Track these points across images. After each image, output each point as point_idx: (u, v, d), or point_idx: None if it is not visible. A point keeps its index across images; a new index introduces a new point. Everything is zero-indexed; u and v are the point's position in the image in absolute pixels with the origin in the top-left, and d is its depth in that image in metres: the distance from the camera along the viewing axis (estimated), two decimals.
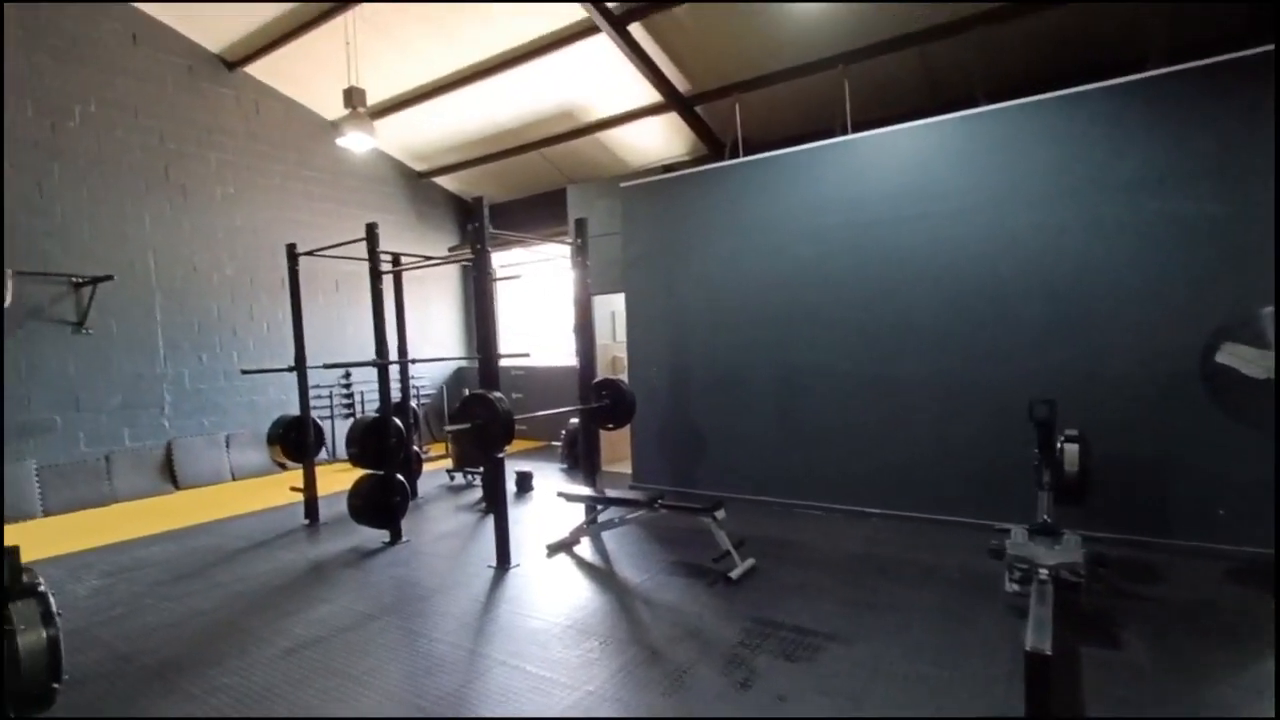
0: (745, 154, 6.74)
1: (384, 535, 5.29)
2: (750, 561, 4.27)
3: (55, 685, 2.05)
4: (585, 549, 4.91)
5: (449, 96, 8.40)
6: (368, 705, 2.91)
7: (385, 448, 5.18)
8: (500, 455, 4.44)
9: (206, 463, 8.02)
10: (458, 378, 10.87)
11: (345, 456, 8.49)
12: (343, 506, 5.61)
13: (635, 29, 6.65)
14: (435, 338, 10.83)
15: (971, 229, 4.97)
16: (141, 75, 7.68)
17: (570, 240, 5.50)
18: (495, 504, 4.53)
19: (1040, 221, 4.74)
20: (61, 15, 7.08)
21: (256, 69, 8.48)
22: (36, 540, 5.72)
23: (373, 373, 8.97)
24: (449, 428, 4.24)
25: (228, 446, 8.27)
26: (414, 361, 6.40)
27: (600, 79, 7.70)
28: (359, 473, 5.35)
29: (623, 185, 6.77)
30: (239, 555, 5.15)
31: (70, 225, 7.12)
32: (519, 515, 5.90)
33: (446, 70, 8.07)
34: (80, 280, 7.11)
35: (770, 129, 7.69)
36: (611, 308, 8.01)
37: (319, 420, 6.49)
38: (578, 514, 5.64)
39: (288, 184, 9.03)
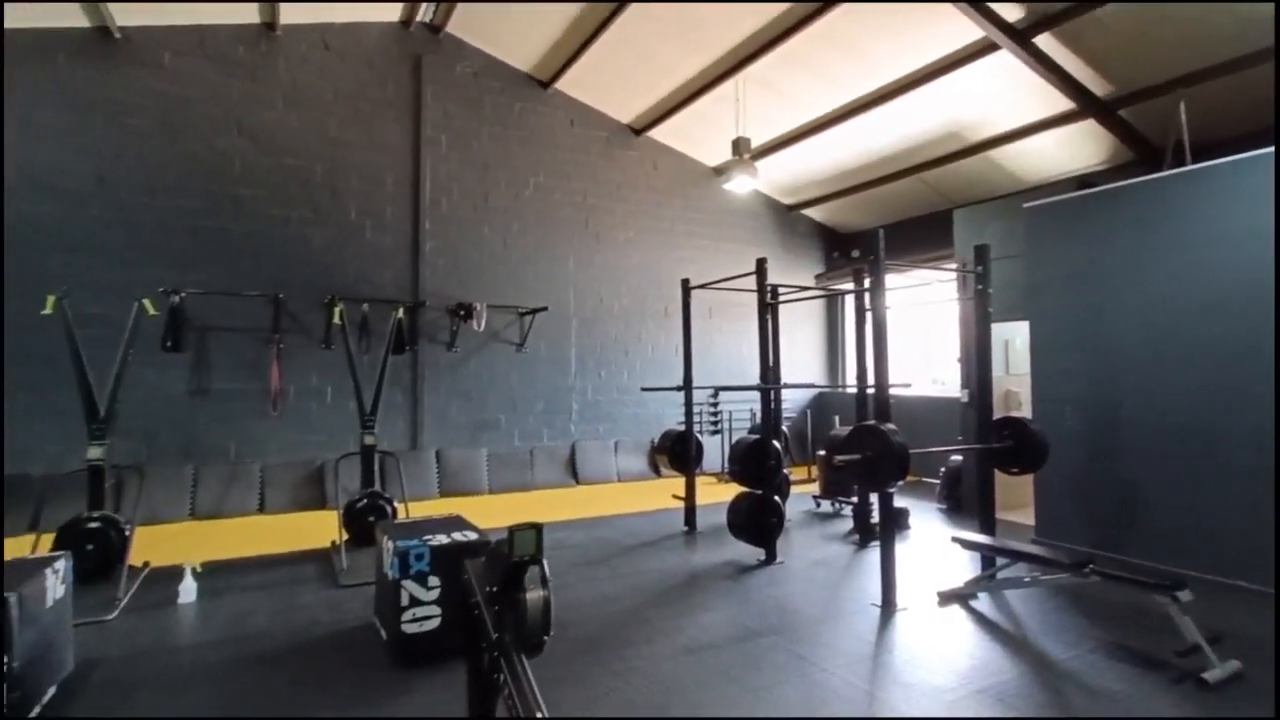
0: (1193, 159, 5.49)
1: (758, 554, 5.44)
2: (1234, 664, 3.30)
3: (545, 637, 2.43)
4: (983, 604, 4.38)
5: (825, 134, 8.59)
6: None
7: (765, 469, 5.34)
8: (891, 491, 4.22)
9: (599, 463, 9.29)
10: (819, 403, 10.89)
11: (711, 470, 9.12)
12: (714, 517, 5.93)
13: (1042, 39, 5.99)
14: (797, 363, 10.98)
15: None
16: (574, 149, 9.47)
17: (961, 267, 5.08)
18: (884, 541, 4.32)
19: None
20: (527, 111, 9.11)
21: (656, 132, 9.82)
22: (485, 513, 7.14)
23: (736, 394, 9.50)
24: (839, 459, 4.18)
25: (616, 451, 9.48)
26: (787, 387, 6.52)
27: (994, 95, 7.08)
28: (723, 485, 5.61)
29: (1027, 206, 6.04)
30: (632, 550, 5.78)
31: (520, 269, 9.01)
32: (897, 554, 5.56)
33: (824, 110, 8.29)
34: (524, 311, 8.91)
35: (1231, 125, 6.15)
36: (1004, 337, 7.16)
37: (697, 435, 7.03)
38: (964, 562, 5.12)
39: (675, 225, 10.18)
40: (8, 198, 6.50)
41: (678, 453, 6.57)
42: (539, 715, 1.98)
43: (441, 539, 3.71)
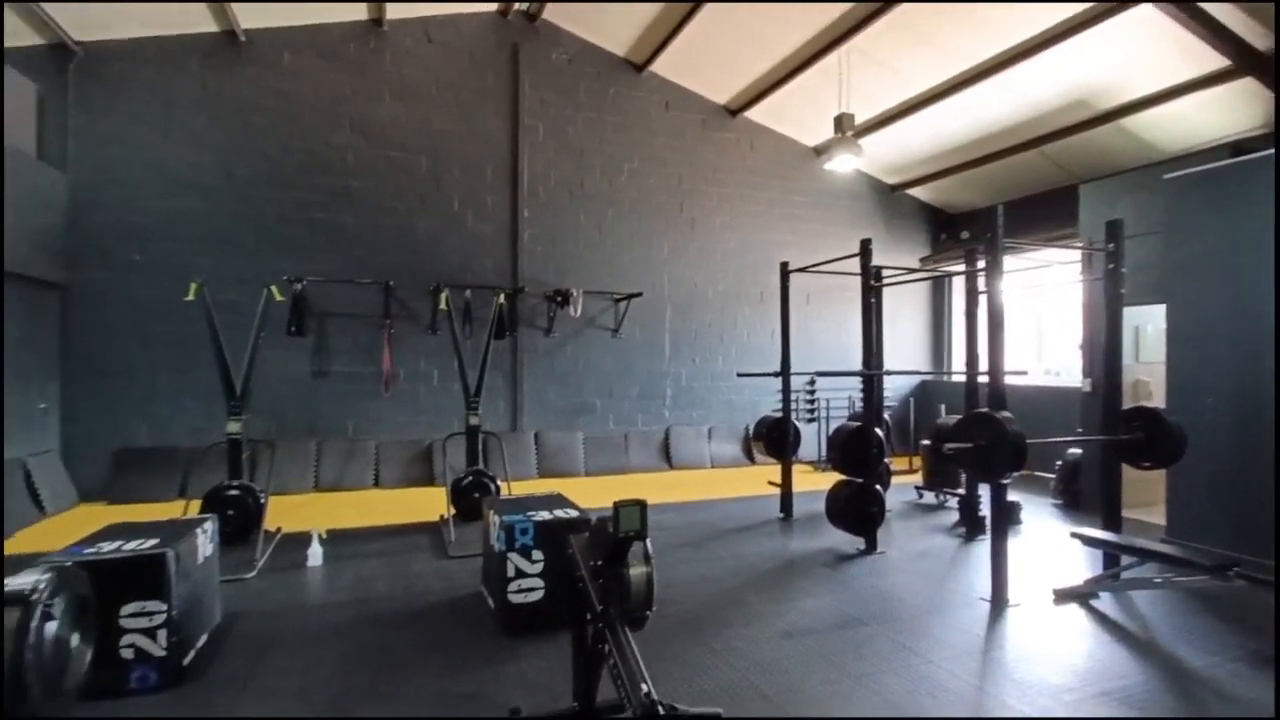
0: None
1: (857, 543, 5.30)
2: None
3: (648, 612, 2.45)
4: (1105, 604, 4.09)
5: (934, 107, 8.18)
6: (871, 709, 2.88)
7: (867, 457, 5.19)
8: (1006, 482, 4.01)
9: (692, 449, 9.30)
10: (922, 391, 10.46)
11: (806, 458, 8.95)
12: (810, 505, 5.79)
13: None
14: (900, 350, 10.57)
15: None
16: (669, 133, 9.43)
17: (1088, 245, 4.70)
18: (995, 533, 4.11)
19: None
20: (621, 96, 9.12)
21: (753, 113, 9.63)
22: (582, 493, 7.29)
23: (834, 381, 9.25)
24: (949, 446, 4.00)
25: (709, 437, 9.47)
26: (891, 373, 6.30)
27: (1129, 57, 6.48)
28: (819, 474, 5.48)
29: (1168, 176, 5.51)
30: (729, 535, 5.76)
31: (615, 255, 9.10)
32: (1008, 549, 5.29)
33: (934, 82, 7.88)
34: (619, 297, 9.00)
35: None
36: (1134, 323, 6.60)
37: (794, 422, 6.90)
38: (1083, 560, 4.83)
39: (773, 209, 9.97)
40: (153, 194, 7.18)
41: (774, 439, 6.49)
42: (644, 687, 2.02)
43: (544, 515, 3.83)
